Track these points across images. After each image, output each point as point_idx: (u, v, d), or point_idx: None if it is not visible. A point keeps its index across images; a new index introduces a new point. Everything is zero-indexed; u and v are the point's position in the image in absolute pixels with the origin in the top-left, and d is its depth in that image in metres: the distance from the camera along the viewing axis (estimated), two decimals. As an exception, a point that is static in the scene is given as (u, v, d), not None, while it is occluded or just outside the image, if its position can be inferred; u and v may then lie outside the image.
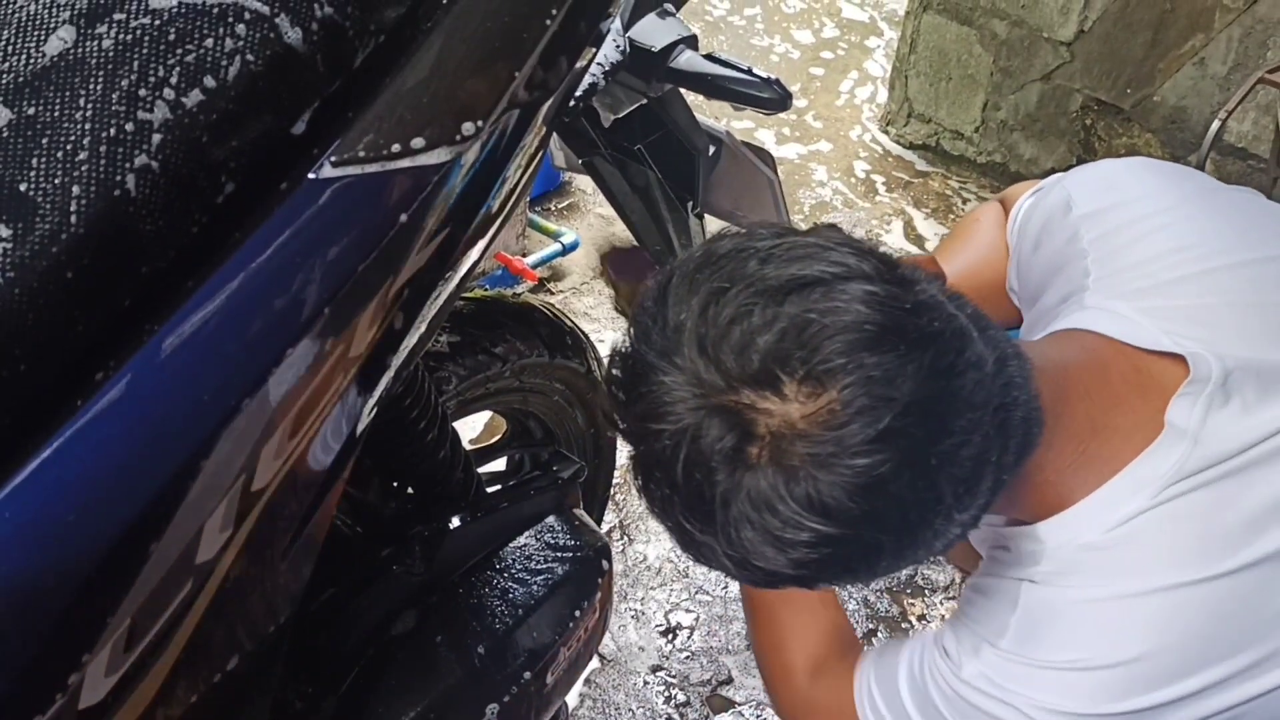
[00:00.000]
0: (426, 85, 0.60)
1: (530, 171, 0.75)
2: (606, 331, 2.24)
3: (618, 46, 0.97)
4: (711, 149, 1.17)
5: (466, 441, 1.08)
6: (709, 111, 2.65)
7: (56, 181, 0.50)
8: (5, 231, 0.49)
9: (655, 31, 1.03)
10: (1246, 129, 2.39)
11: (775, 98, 1.06)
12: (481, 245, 0.71)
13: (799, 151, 2.95)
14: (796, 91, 3.11)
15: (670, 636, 1.74)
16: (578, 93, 0.85)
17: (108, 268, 0.52)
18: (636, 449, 0.66)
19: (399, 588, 0.97)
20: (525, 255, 2.27)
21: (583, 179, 2.56)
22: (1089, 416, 0.74)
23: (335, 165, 0.56)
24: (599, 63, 0.92)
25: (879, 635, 1.77)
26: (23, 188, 0.49)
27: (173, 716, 0.61)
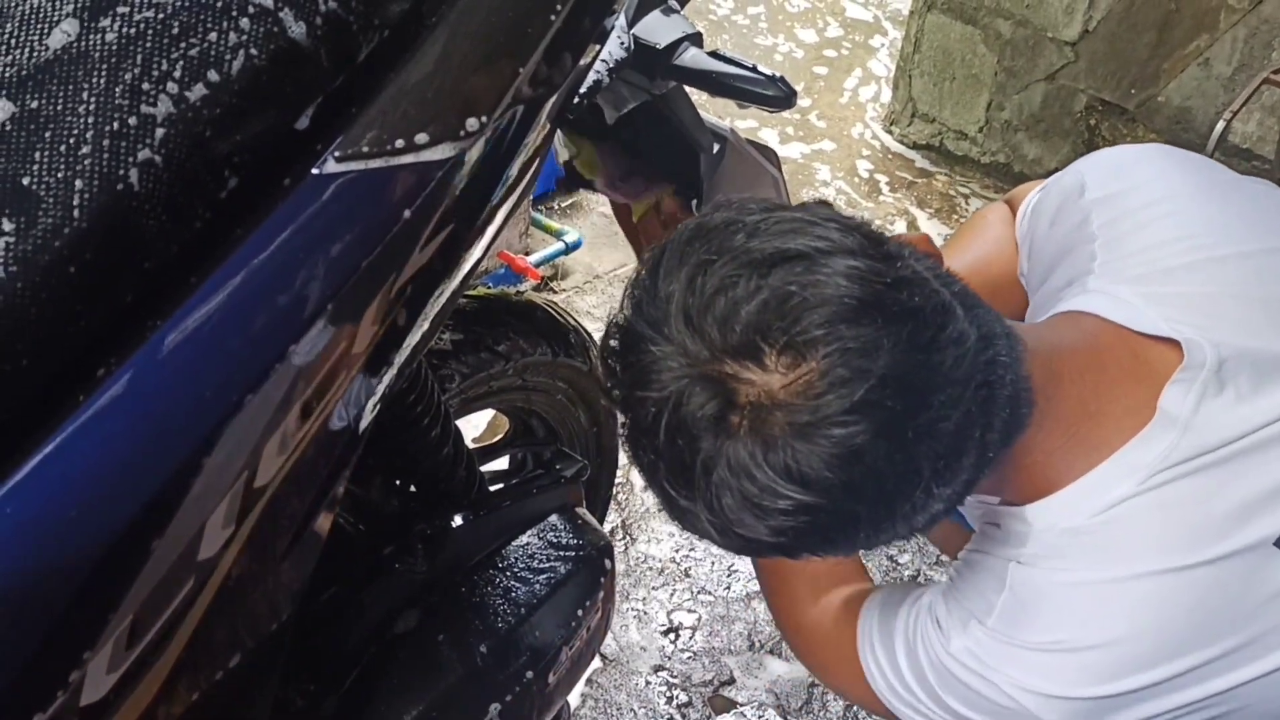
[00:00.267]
0: (430, 81, 0.60)
1: (534, 168, 0.75)
2: (609, 330, 2.23)
3: (622, 43, 0.96)
4: (715, 146, 1.16)
5: (469, 440, 1.08)
6: (713, 109, 2.64)
7: (59, 175, 0.50)
8: (8, 225, 0.49)
9: (659, 28, 1.03)
10: (1251, 129, 2.38)
11: (780, 95, 1.05)
12: (484, 242, 0.71)
13: (802, 151, 2.95)
14: (800, 90, 3.10)
15: (672, 636, 1.74)
16: (582, 89, 0.85)
17: (110, 263, 0.51)
18: (626, 417, 0.68)
19: (401, 586, 0.97)
20: (528, 253, 2.27)
21: (586, 178, 2.56)
22: (1081, 399, 0.74)
23: (339, 161, 0.56)
24: (603, 59, 0.92)
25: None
26: (26, 181, 0.49)
27: (174, 714, 0.61)
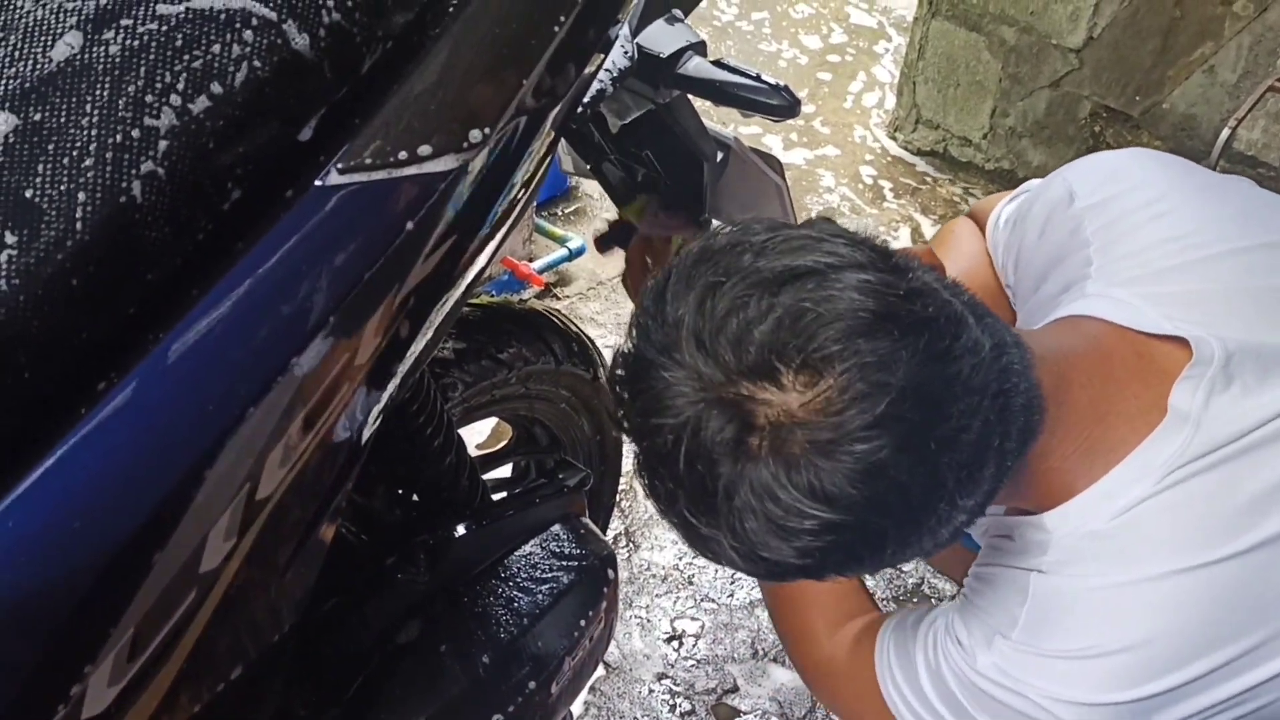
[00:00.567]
0: (434, 92, 0.60)
1: (538, 178, 0.75)
2: (613, 337, 2.23)
3: (625, 53, 0.96)
4: (719, 155, 1.16)
5: (472, 448, 1.08)
6: (717, 117, 2.64)
7: (62, 188, 0.50)
8: (11, 238, 0.49)
9: (663, 38, 1.03)
10: (1256, 137, 2.38)
11: (784, 104, 1.05)
12: (488, 252, 0.71)
13: (806, 157, 2.95)
14: (804, 97, 3.10)
15: (676, 644, 1.73)
16: (585, 99, 0.85)
17: (113, 275, 0.51)
18: (640, 446, 0.67)
19: (404, 596, 0.97)
20: (531, 260, 2.26)
21: (590, 184, 2.57)
22: (1092, 403, 0.74)
23: (342, 172, 0.56)
24: (607, 69, 0.92)
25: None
26: (28, 194, 0.49)
27: (176, 726, 0.61)
